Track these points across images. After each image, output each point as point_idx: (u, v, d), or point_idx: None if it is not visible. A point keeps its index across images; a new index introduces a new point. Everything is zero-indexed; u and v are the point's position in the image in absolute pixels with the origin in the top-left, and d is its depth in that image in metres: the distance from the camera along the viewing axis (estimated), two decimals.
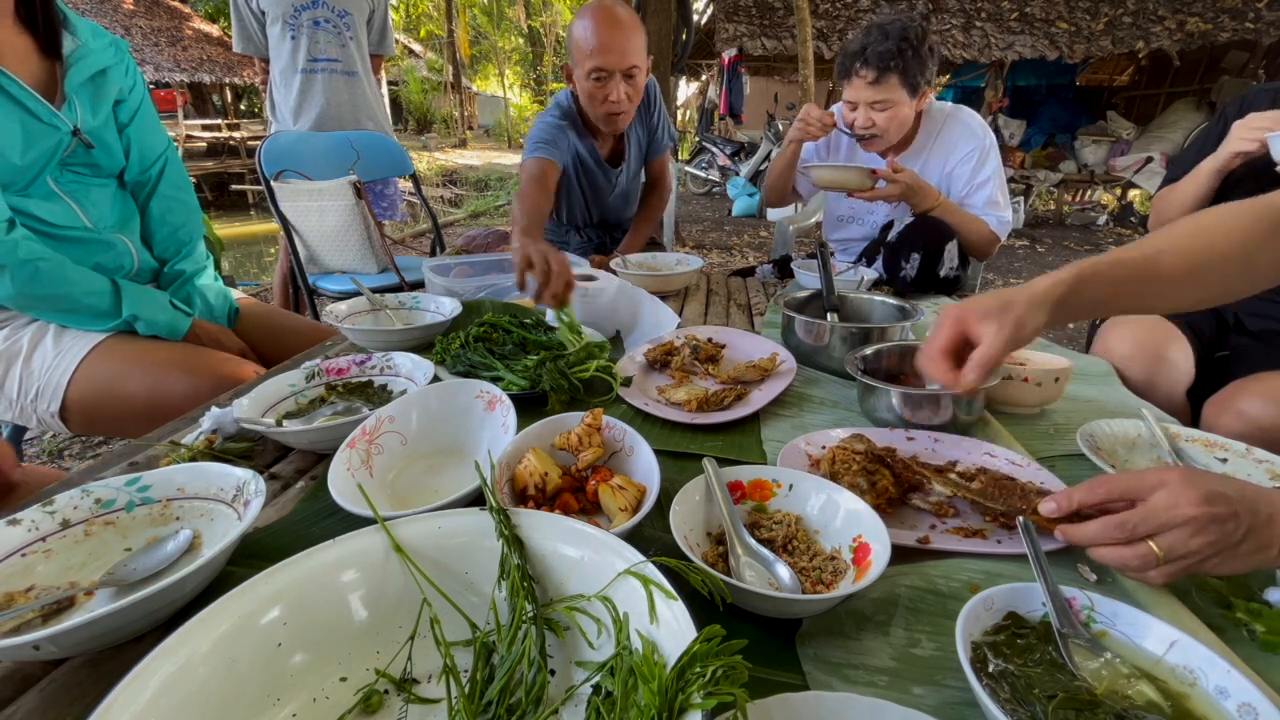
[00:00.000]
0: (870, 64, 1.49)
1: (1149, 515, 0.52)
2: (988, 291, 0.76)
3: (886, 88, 1.51)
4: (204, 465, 0.66)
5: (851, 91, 1.57)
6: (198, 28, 11.25)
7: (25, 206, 1.06)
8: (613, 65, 1.53)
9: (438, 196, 10.16)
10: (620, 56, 1.53)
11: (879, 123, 1.57)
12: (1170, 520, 0.51)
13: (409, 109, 19.84)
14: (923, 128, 1.68)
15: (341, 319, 1.20)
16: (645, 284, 1.62)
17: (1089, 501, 0.57)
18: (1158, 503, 0.52)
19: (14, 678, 0.48)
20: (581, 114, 1.75)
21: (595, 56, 1.52)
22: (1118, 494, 0.56)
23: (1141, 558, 0.52)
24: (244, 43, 2.37)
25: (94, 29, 1.17)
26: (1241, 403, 1.04)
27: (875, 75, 1.50)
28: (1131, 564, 0.53)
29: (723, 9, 8.10)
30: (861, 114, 1.58)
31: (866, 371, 0.94)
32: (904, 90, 1.52)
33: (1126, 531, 0.53)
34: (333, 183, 2.04)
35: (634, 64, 1.55)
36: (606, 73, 1.54)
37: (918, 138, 1.69)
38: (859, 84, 1.54)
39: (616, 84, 1.56)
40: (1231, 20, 6.58)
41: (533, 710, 0.42)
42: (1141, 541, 0.52)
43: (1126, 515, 0.53)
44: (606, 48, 1.51)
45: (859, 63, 1.51)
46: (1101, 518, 0.55)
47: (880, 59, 1.48)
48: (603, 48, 1.51)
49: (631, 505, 0.63)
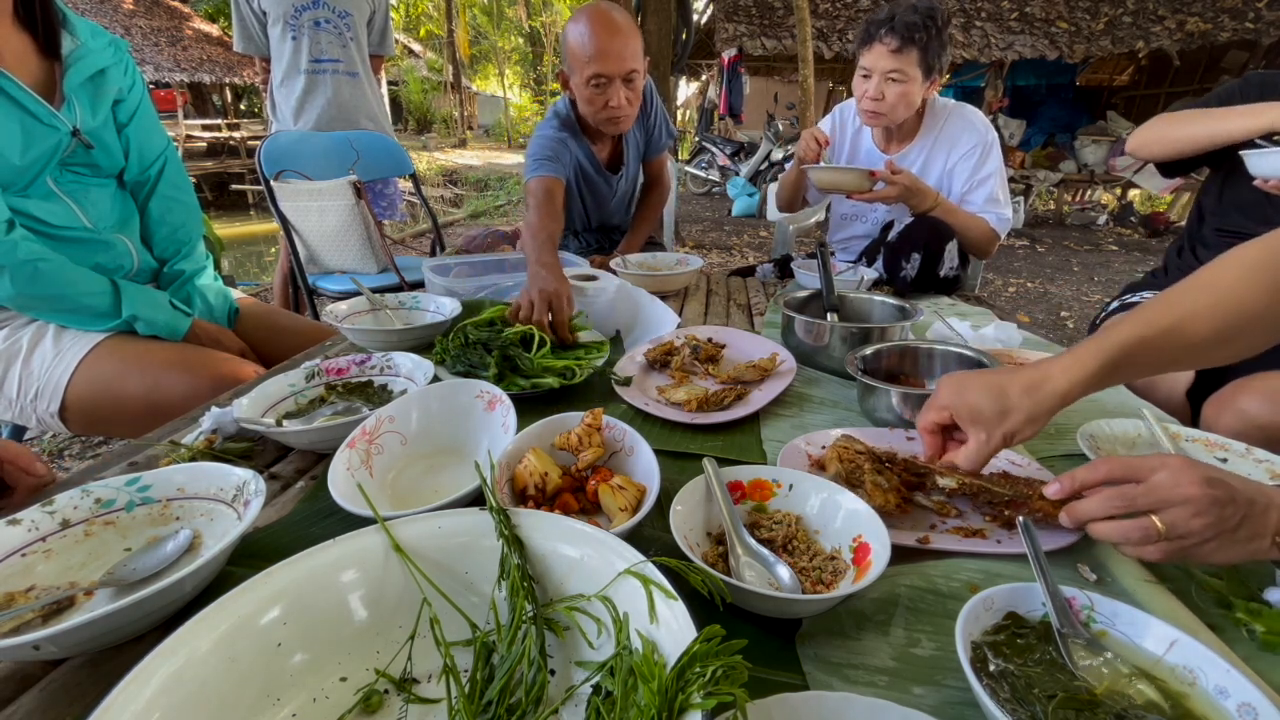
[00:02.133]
0: (896, 32, 1.50)
1: (1151, 490, 0.53)
2: (995, 372, 0.67)
3: (905, 60, 1.51)
4: (204, 465, 0.66)
5: (870, 58, 1.57)
6: (198, 28, 11.26)
7: (25, 207, 1.06)
8: (612, 71, 1.52)
9: (438, 196, 10.16)
10: (619, 62, 1.51)
11: (889, 96, 1.56)
12: (1172, 497, 0.52)
13: (409, 109, 19.84)
14: (926, 122, 1.69)
15: (341, 319, 1.20)
16: (645, 284, 1.62)
17: (1091, 480, 0.58)
18: (1160, 480, 0.53)
19: (14, 678, 0.48)
20: (579, 120, 1.74)
21: (594, 64, 1.50)
22: (1119, 473, 0.56)
23: (1143, 530, 0.53)
24: (245, 42, 2.37)
25: (93, 29, 1.17)
26: (1241, 402, 1.04)
27: (898, 44, 1.50)
28: (1133, 536, 0.53)
29: (723, 9, 8.10)
30: (875, 83, 1.57)
31: (866, 371, 0.94)
32: (919, 69, 1.53)
33: (1128, 500, 0.54)
34: (333, 183, 2.04)
35: (633, 68, 1.54)
36: (606, 79, 1.52)
37: (921, 131, 1.69)
38: (880, 50, 1.53)
39: (617, 89, 1.55)
40: (1231, 20, 6.58)
41: (533, 710, 0.42)
42: (1144, 515, 0.53)
43: (1128, 487, 0.54)
44: (605, 54, 1.50)
45: (885, 29, 1.51)
46: (1103, 490, 0.56)
47: (907, 29, 1.49)
48: (601, 54, 1.50)
49: (631, 505, 0.63)
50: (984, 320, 1.25)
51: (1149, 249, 6.55)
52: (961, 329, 1.16)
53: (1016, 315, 4.19)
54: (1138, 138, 1.44)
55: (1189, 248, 1.42)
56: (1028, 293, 4.96)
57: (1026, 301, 4.73)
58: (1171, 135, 1.35)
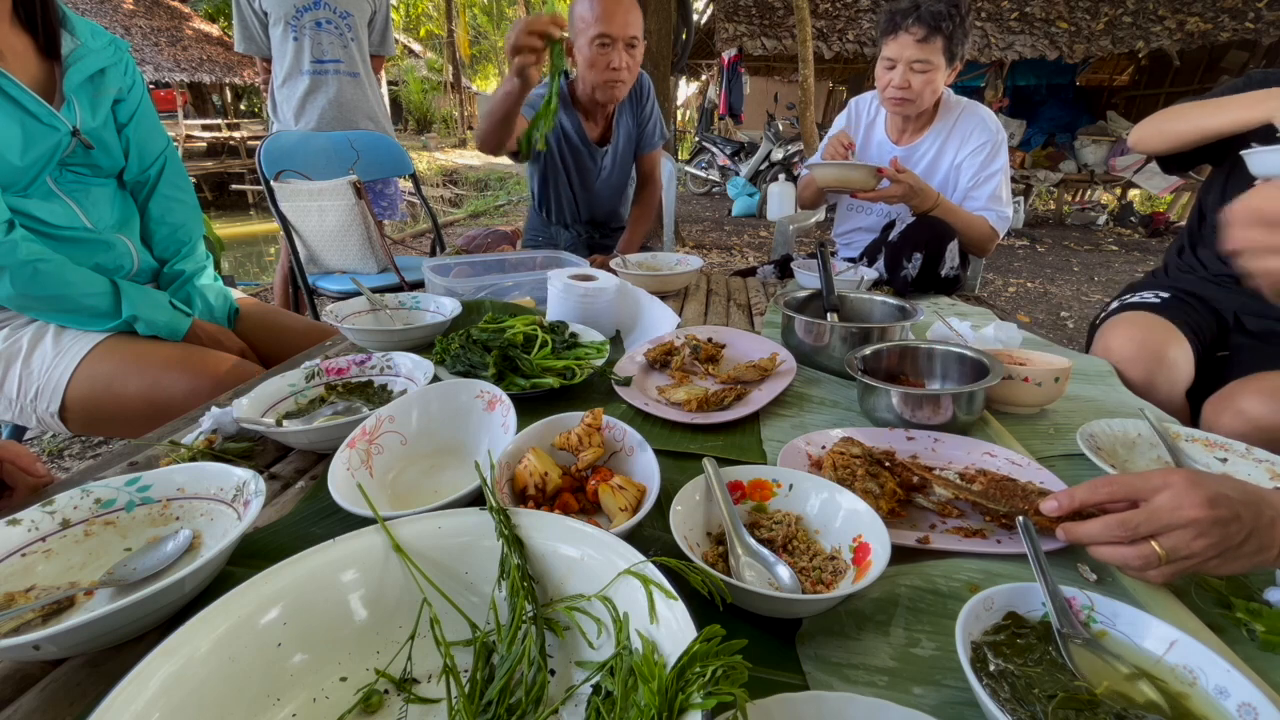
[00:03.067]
0: (923, 21, 1.50)
1: (1152, 516, 0.52)
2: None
3: (931, 49, 1.52)
4: (204, 465, 0.66)
5: (894, 48, 1.57)
6: (198, 28, 11.25)
7: (25, 207, 1.06)
8: (616, 33, 1.64)
9: (438, 196, 10.16)
10: (623, 25, 1.65)
11: (915, 85, 1.57)
12: (1174, 522, 0.51)
13: (409, 109, 19.82)
14: (940, 114, 1.70)
15: (341, 319, 1.20)
16: (645, 284, 1.62)
17: (1090, 501, 0.57)
18: (1161, 504, 0.52)
19: (14, 678, 0.48)
20: (572, 93, 1.84)
21: (599, 24, 1.63)
22: (1120, 495, 0.56)
23: (1144, 557, 0.52)
24: (246, 42, 2.38)
25: (93, 29, 1.17)
26: (1241, 402, 1.04)
27: (925, 33, 1.50)
28: (1133, 563, 0.53)
29: (723, 9, 8.10)
30: (900, 73, 1.57)
31: (866, 371, 0.94)
32: (943, 57, 1.53)
33: (1129, 530, 0.53)
34: (333, 183, 2.04)
35: (634, 34, 1.68)
36: (610, 39, 1.65)
37: (935, 122, 1.71)
38: (905, 40, 1.53)
39: (619, 51, 1.67)
40: (1231, 20, 6.58)
41: (533, 710, 0.42)
42: (1144, 541, 0.52)
43: (1129, 515, 0.53)
44: (610, 16, 1.63)
45: (911, 19, 1.51)
46: (1104, 516, 0.55)
47: (934, 18, 1.49)
48: (607, 15, 1.63)
49: (631, 505, 0.63)
50: (984, 320, 1.25)
51: (1149, 249, 6.55)
52: (961, 329, 1.16)
53: (1016, 315, 4.20)
54: (1138, 132, 1.45)
55: (1189, 248, 1.42)
56: (1028, 293, 4.96)
57: (1026, 301, 4.73)
58: (1170, 128, 1.36)
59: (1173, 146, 1.37)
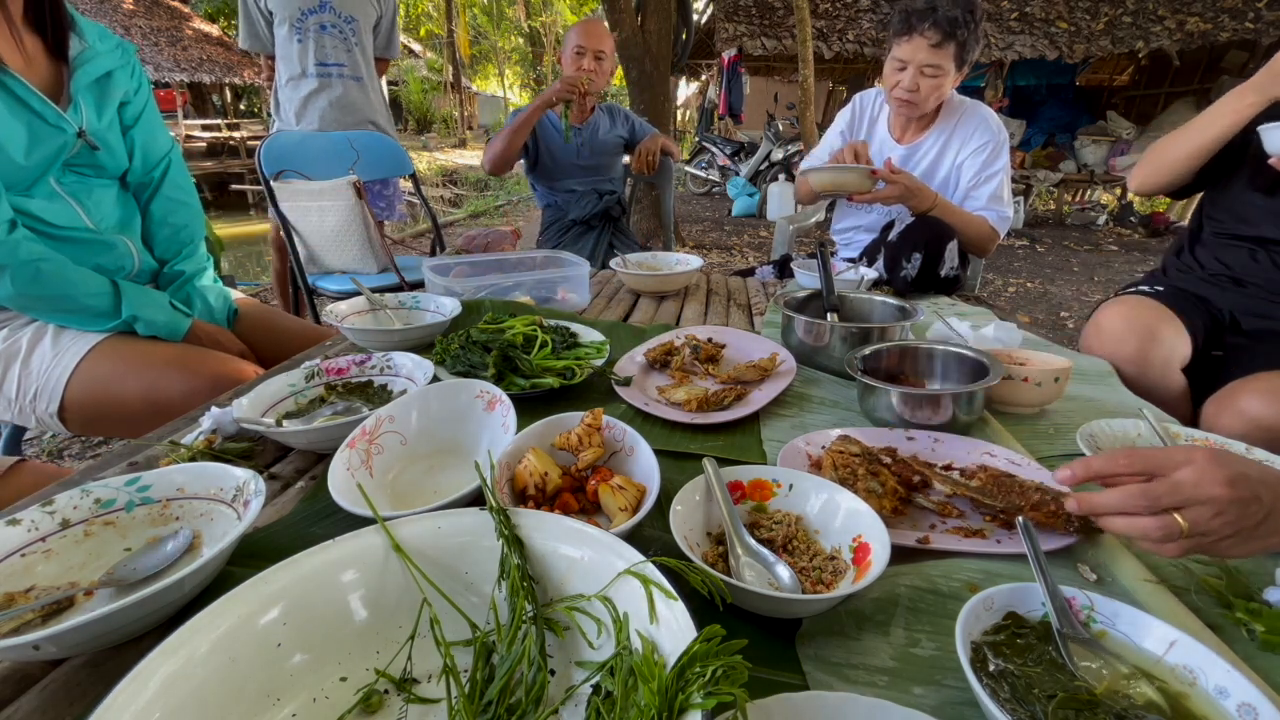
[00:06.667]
0: (939, 26, 1.49)
1: (1175, 489, 0.52)
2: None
3: (944, 54, 1.51)
4: (204, 465, 0.66)
5: (907, 50, 1.55)
6: (198, 28, 11.26)
7: (27, 207, 1.06)
8: (588, 45, 2.23)
9: (438, 196, 10.15)
10: (596, 41, 2.24)
11: (923, 89, 1.56)
12: (1195, 497, 0.51)
13: (409, 109, 19.81)
14: (943, 113, 1.70)
15: (341, 319, 1.20)
16: (645, 284, 1.62)
17: (1108, 471, 0.56)
18: (1184, 478, 0.52)
19: (14, 678, 0.48)
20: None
21: (577, 38, 2.25)
22: (1139, 467, 0.55)
23: (1165, 528, 0.51)
24: (251, 40, 2.38)
25: (101, 31, 1.18)
26: (1241, 402, 1.04)
27: (940, 38, 1.49)
28: (1153, 534, 0.52)
29: (723, 9, 8.10)
30: (910, 76, 1.57)
31: (866, 371, 0.94)
32: (954, 62, 1.53)
33: (1151, 500, 0.52)
34: (333, 183, 2.04)
35: (601, 49, 2.25)
36: (583, 49, 2.23)
37: (938, 121, 1.71)
38: (919, 43, 1.52)
39: (589, 58, 2.24)
40: (1231, 20, 6.57)
41: (533, 710, 0.42)
42: (1166, 513, 0.52)
43: (1151, 485, 0.52)
44: (586, 33, 2.25)
45: (927, 23, 1.50)
46: (1124, 486, 0.54)
47: (950, 23, 1.48)
48: (584, 33, 2.26)
49: (631, 505, 0.63)
50: (984, 320, 1.25)
51: (1149, 249, 6.55)
52: (961, 329, 1.16)
53: (1016, 315, 4.19)
54: (1137, 177, 1.43)
55: (1189, 248, 1.42)
56: (1028, 293, 4.96)
57: (1026, 301, 4.73)
58: (1166, 161, 1.34)
59: (1175, 176, 1.36)
